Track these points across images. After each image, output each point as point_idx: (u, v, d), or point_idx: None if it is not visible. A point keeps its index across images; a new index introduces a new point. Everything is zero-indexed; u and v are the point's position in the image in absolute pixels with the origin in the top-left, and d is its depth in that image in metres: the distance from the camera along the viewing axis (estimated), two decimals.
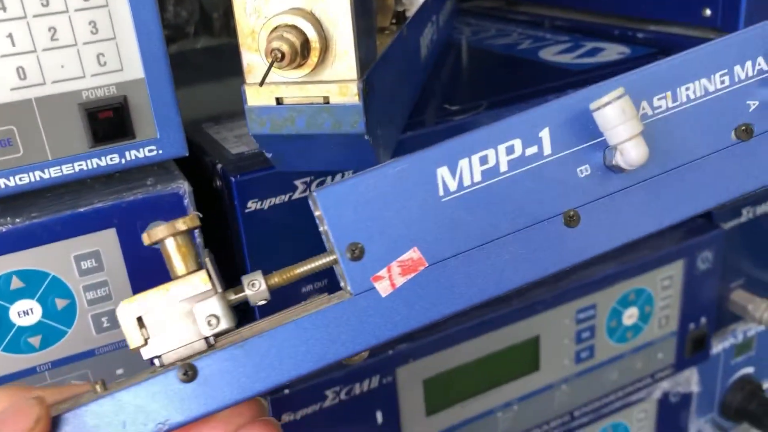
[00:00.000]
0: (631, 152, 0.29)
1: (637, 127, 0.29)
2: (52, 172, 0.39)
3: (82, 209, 0.40)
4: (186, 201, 0.42)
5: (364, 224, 0.29)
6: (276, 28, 0.34)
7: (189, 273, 0.29)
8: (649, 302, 0.60)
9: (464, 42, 0.71)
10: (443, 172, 0.29)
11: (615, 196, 0.31)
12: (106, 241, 0.41)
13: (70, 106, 0.38)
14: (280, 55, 0.34)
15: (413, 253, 0.30)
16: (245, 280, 0.30)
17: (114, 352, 0.43)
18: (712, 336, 0.65)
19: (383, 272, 0.29)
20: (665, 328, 0.62)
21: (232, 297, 0.30)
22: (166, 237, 0.29)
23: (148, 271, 0.42)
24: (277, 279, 0.31)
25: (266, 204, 0.44)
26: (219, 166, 0.45)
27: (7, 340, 0.40)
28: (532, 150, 0.30)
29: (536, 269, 0.30)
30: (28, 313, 0.40)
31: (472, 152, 0.30)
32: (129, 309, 0.29)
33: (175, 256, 0.30)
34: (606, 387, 0.61)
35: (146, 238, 0.30)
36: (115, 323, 0.42)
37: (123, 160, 0.40)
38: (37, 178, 0.38)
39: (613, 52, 0.61)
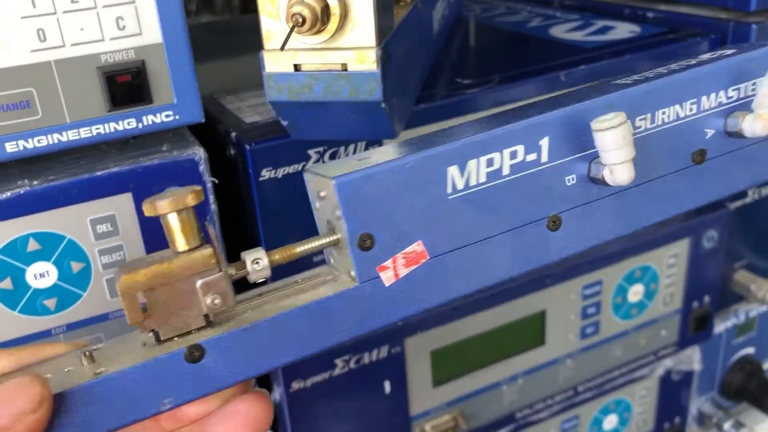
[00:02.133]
0: (622, 174, 0.31)
1: (631, 152, 0.31)
2: (70, 135, 0.39)
3: (98, 173, 0.40)
4: (201, 167, 0.42)
5: (377, 215, 0.30)
6: None
7: (192, 249, 0.29)
8: (654, 279, 0.60)
9: (474, 19, 0.71)
10: (453, 170, 0.31)
11: (593, 204, 0.33)
12: (122, 206, 0.41)
13: (88, 69, 0.38)
14: (301, 20, 0.34)
15: (417, 246, 0.31)
16: (248, 257, 0.30)
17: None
18: (715, 315, 0.66)
19: (389, 263, 0.30)
20: (669, 306, 0.62)
21: (233, 273, 0.30)
22: (170, 212, 0.29)
23: (162, 236, 0.42)
24: (278, 256, 0.31)
25: (280, 173, 0.45)
26: (233, 134, 0.45)
27: (23, 301, 0.40)
28: (531, 156, 0.32)
29: (519, 266, 0.33)
30: (44, 276, 0.40)
31: (482, 154, 0.31)
32: (130, 284, 0.28)
33: (178, 231, 0.29)
34: (610, 363, 0.62)
35: (149, 210, 0.28)
36: None
37: (140, 125, 0.40)
38: (55, 141, 0.39)
39: (623, 30, 0.61)
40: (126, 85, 0.39)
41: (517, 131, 0.32)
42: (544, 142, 0.32)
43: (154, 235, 0.42)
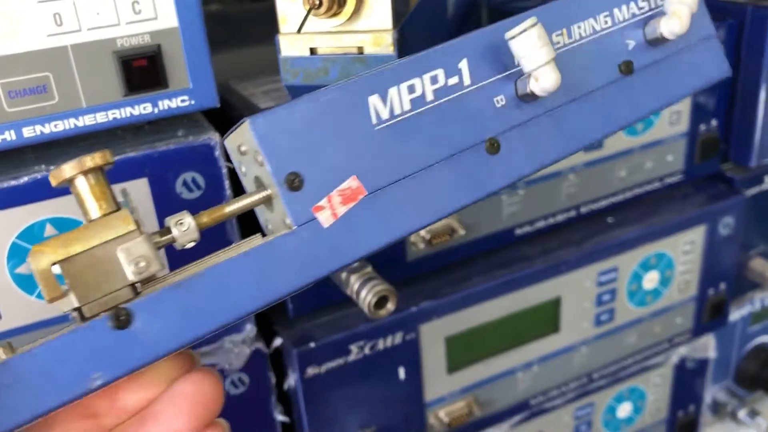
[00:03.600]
0: (547, 78, 0.31)
1: (550, 52, 0.31)
2: (86, 120, 0.39)
3: (114, 158, 0.40)
4: (217, 152, 0.42)
5: (302, 153, 0.28)
6: None
7: (107, 214, 0.26)
8: (669, 266, 0.60)
9: (488, 4, 0.70)
10: (375, 100, 0.30)
11: (528, 124, 0.33)
12: (138, 191, 0.41)
13: (104, 53, 0.38)
14: (318, 3, 0.34)
15: (353, 182, 0.29)
16: (171, 220, 0.28)
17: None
18: (730, 303, 0.66)
19: (324, 202, 0.29)
20: (684, 293, 0.62)
21: (158, 239, 0.27)
22: (76, 176, 0.26)
23: None
24: (206, 219, 0.28)
25: None
26: None
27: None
28: (453, 80, 0.31)
29: (466, 195, 0.31)
30: None
31: (401, 81, 0.30)
32: (43, 256, 0.25)
33: (88, 196, 0.27)
34: (624, 350, 0.61)
35: (54, 177, 0.26)
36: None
37: (155, 110, 0.40)
38: (72, 126, 0.39)
39: None
40: (142, 69, 0.39)
41: (433, 56, 0.31)
42: (464, 65, 0.31)
43: None
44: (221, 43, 0.66)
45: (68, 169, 0.26)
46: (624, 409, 0.66)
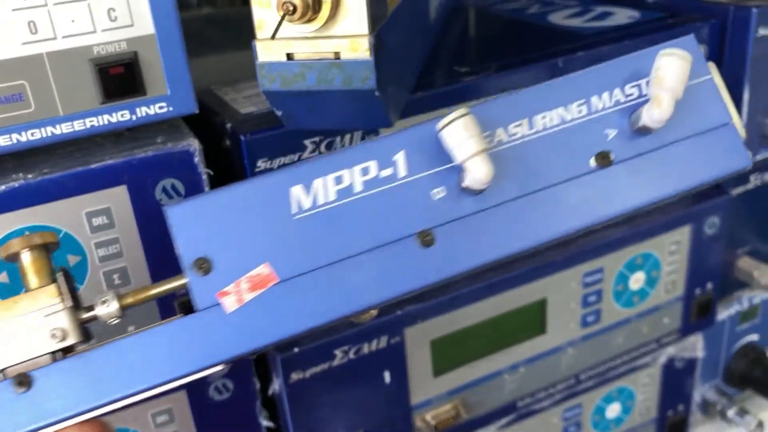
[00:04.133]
0: (477, 169, 0.30)
1: (480, 144, 0.30)
2: (64, 128, 0.39)
3: (93, 165, 0.40)
4: (196, 159, 0.42)
5: (213, 240, 0.29)
6: None
7: (40, 287, 0.30)
8: (656, 267, 0.60)
9: (472, 7, 0.70)
10: (298, 190, 0.30)
11: (472, 217, 0.31)
12: (117, 198, 0.41)
13: (81, 61, 0.38)
14: (291, 8, 0.34)
15: (264, 269, 0.30)
16: (98, 299, 0.30)
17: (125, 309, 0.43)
18: (717, 302, 0.66)
19: (230, 287, 0.29)
20: (671, 293, 0.62)
21: (84, 316, 0.30)
22: (22, 250, 0.30)
23: (158, 228, 0.42)
24: (130, 299, 0.31)
25: (275, 163, 0.44)
26: (228, 125, 0.45)
27: None
28: (387, 172, 0.31)
29: (392, 288, 0.31)
30: None
31: (328, 173, 0.31)
32: None
33: (29, 269, 0.30)
34: (612, 351, 0.62)
35: (2, 251, 0.30)
36: (126, 280, 0.42)
37: (134, 117, 0.40)
38: (49, 134, 0.39)
39: (623, 16, 0.60)
40: (119, 77, 0.39)
41: (368, 147, 0.31)
42: (400, 157, 0.31)
43: (150, 228, 0.42)
44: (215, 45, 0.66)
45: (14, 244, 0.29)
46: (613, 410, 0.66)
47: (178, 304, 0.31)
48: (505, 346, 0.56)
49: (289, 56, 0.37)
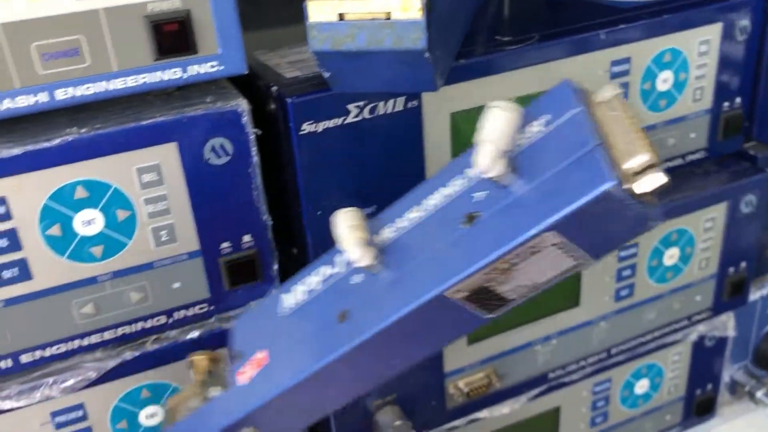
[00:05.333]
0: (352, 254, 0.37)
1: (355, 234, 0.37)
2: (118, 84, 0.39)
3: (144, 122, 0.41)
4: (245, 119, 0.43)
5: (243, 338, 0.42)
6: None
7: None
8: (690, 243, 0.60)
9: None
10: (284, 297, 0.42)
11: (377, 291, 0.37)
12: (167, 155, 0.42)
13: (135, 18, 0.39)
14: None
15: (260, 354, 0.40)
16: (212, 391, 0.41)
17: (171, 266, 0.44)
18: (751, 282, 0.66)
19: (244, 369, 0.40)
20: (705, 271, 0.62)
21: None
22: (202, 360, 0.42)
23: (206, 186, 0.43)
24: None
25: (320, 127, 0.45)
26: (274, 88, 0.45)
27: (71, 248, 0.41)
28: (329, 270, 0.40)
29: (319, 360, 0.37)
30: (91, 223, 0.41)
31: (299, 280, 0.41)
32: (170, 408, 0.42)
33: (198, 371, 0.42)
34: (643, 326, 0.62)
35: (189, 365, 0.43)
36: (173, 237, 0.43)
37: (185, 75, 0.41)
38: (103, 89, 0.39)
39: None
40: (172, 34, 0.39)
41: (320, 261, 0.41)
42: (339, 257, 0.40)
43: (198, 186, 0.43)
44: (252, 20, 0.66)
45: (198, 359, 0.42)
46: (641, 386, 0.66)
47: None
48: (538, 318, 0.56)
49: (341, 16, 0.38)
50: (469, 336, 0.54)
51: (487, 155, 0.32)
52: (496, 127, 0.33)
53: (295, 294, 0.41)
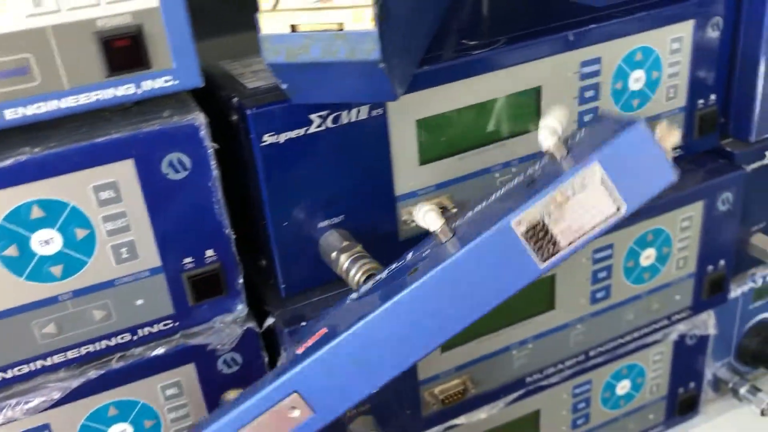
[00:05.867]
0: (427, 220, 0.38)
1: None
2: (69, 102, 0.39)
3: (99, 139, 0.40)
4: (202, 132, 0.42)
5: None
6: None
7: None
8: (667, 243, 0.59)
9: None
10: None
11: (444, 249, 0.37)
12: (124, 172, 0.41)
13: (85, 34, 0.38)
14: None
15: (320, 330, 0.40)
16: None
17: (134, 283, 0.43)
18: (730, 279, 0.65)
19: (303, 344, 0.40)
20: (683, 270, 0.61)
21: None
22: None
23: (166, 201, 0.42)
24: None
25: (282, 138, 0.44)
26: (235, 99, 0.45)
27: (29, 268, 0.41)
28: None
29: None
30: (49, 243, 0.41)
31: None
32: None
33: None
34: (622, 328, 0.61)
35: None
36: (134, 254, 0.43)
37: (139, 90, 0.40)
38: (55, 108, 0.39)
39: None
40: (124, 50, 0.39)
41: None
42: None
43: (157, 201, 0.42)
44: (226, 25, 0.65)
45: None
46: (623, 387, 0.66)
47: None
48: (513, 322, 0.56)
49: (293, 28, 0.37)
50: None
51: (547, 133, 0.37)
52: (554, 113, 0.37)
53: (364, 287, 0.42)
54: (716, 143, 0.61)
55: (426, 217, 0.38)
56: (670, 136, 0.37)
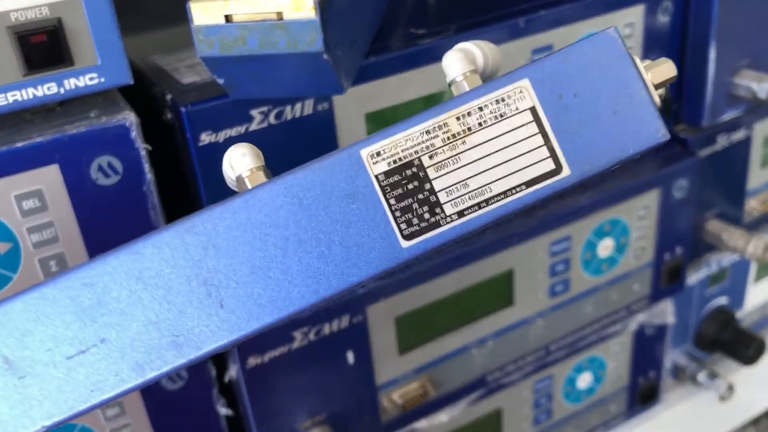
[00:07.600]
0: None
1: None
2: None
3: (20, 144, 0.37)
4: (133, 133, 0.39)
5: None
6: None
7: None
8: (624, 233, 0.58)
9: None
10: None
11: None
12: (49, 179, 0.38)
13: None
14: None
15: None
16: None
17: None
18: (687, 267, 0.65)
19: None
20: (641, 259, 0.61)
21: None
22: None
23: (96, 209, 0.39)
24: None
25: (221, 137, 0.42)
26: (168, 96, 0.42)
27: None
28: None
29: None
30: None
31: None
32: None
33: None
34: (582, 320, 0.60)
35: None
36: (64, 266, 0.39)
37: (62, 90, 0.37)
38: None
39: None
40: (42, 45, 0.35)
41: None
42: None
43: (88, 210, 0.39)
44: (156, 18, 0.62)
45: None
46: (584, 380, 0.65)
47: None
48: (472, 320, 0.54)
49: (228, 18, 0.34)
50: (401, 345, 0.51)
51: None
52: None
53: None
54: (670, 129, 0.60)
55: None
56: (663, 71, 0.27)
